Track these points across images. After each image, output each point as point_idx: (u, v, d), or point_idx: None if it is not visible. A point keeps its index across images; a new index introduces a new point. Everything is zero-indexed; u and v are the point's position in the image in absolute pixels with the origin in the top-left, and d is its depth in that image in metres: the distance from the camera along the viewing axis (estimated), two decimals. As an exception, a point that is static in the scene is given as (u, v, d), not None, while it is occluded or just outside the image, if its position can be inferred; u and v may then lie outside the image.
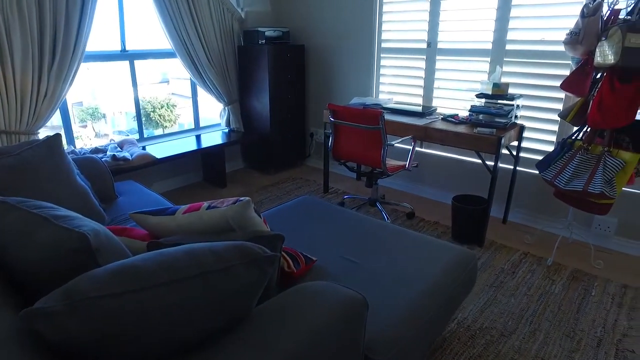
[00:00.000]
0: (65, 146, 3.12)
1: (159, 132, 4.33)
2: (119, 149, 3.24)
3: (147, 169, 3.47)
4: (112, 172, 2.94)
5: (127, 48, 3.44)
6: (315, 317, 1.06)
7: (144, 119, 4.59)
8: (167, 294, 0.87)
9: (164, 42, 3.57)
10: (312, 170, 4.32)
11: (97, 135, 4.33)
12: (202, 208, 1.34)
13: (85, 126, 4.37)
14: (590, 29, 2.10)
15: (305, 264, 1.62)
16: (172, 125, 4.83)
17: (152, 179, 3.74)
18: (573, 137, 2.44)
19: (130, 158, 3.06)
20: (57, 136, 1.98)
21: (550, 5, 2.66)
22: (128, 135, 4.17)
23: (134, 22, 3.47)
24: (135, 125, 4.26)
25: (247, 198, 1.32)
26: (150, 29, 3.58)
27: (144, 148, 3.51)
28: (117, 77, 3.54)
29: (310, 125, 4.43)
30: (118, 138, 3.75)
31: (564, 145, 2.43)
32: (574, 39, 2.15)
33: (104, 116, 4.44)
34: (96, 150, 3.18)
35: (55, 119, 3.16)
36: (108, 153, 3.06)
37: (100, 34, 3.30)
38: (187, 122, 4.20)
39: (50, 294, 0.84)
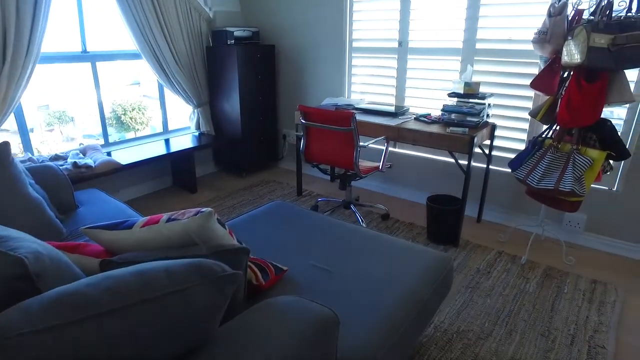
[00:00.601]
0: (22, 154, 2.95)
1: (130, 135, 4.18)
2: (81, 155, 3.08)
3: (113, 175, 3.32)
4: (73, 180, 2.81)
5: (88, 49, 3.28)
6: (283, 339, 0.99)
7: (114, 122, 4.42)
8: (114, 322, 0.79)
9: (129, 43, 3.42)
10: (286, 173, 4.25)
11: (66, 139, 4.12)
12: (161, 221, 1.25)
13: (53, 130, 4.16)
14: (557, 29, 2.11)
15: (275, 275, 1.55)
16: (144, 128, 4.66)
17: (118, 186, 3.59)
18: (543, 136, 2.46)
19: (93, 165, 2.91)
20: (5, 145, 1.84)
21: (518, 5, 2.67)
22: (98, 139, 4.00)
23: (97, 22, 3.31)
24: (109, 130, 4.08)
25: (209, 209, 1.24)
26: (114, 30, 3.43)
27: (109, 154, 3.36)
28: (86, 79, 3.36)
29: (282, 126, 4.35)
30: (90, 142, 3.58)
31: (535, 144, 2.44)
32: (542, 38, 2.16)
33: (72, 119, 4.23)
34: (56, 157, 3.02)
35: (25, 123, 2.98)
36: (69, 160, 2.91)
37: (60, 34, 3.14)
38: (159, 125, 4.05)
39: (-24, 331, 0.75)
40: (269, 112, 4.17)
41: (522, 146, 2.89)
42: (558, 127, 2.37)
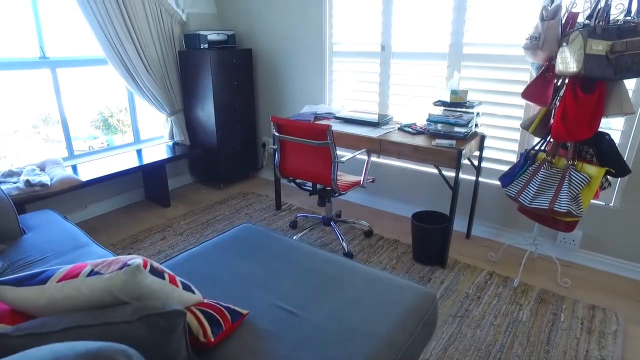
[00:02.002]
0: (-30, 171, 2.69)
1: (118, 137, 3.91)
2: (37, 171, 2.83)
3: (79, 190, 3.08)
4: (26, 200, 2.56)
5: (47, 55, 3.03)
6: None
7: (102, 124, 4.13)
8: None
9: (91, 48, 3.18)
10: (265, 183, 4.02)
11: (48, 141, 3.83)
12: (81, 275, 1.03)
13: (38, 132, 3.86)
14: (550, 34, 1.92)
15: (231, 324, 1.33)
16: (131, 129, 4.40)
17: (85, 201, 3.34)
18: (536, 149, 2.27)
19: (49, 183, 2.67)
20: None
21: (507, 7, 2.48)
22: (85, 142, 3.74)
23: (58, 26, 3.06)
24: (95, 132, 3.83)
25: (138, 261, 1.02)
26: (78, 34, 3.18)
27: (74, 167, 3.12)
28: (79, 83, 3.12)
29: (261, 134, 4.13)
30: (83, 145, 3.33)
31: (527, 158, 2.25)
32: (534, 44, 1.96)
33: (57, 122, 3.94)
34: (10, 174, 2.76)
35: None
36: (21, 178, 2.66)
37: (15, 39, 2.89)
38: (146, 127, 3.81)
39: None
40: (247, 119, 3.94)
41: (512, 157, 2.71)
42: (552, 140, 2.18)
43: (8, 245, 2.00)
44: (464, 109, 2.55)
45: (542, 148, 2.26)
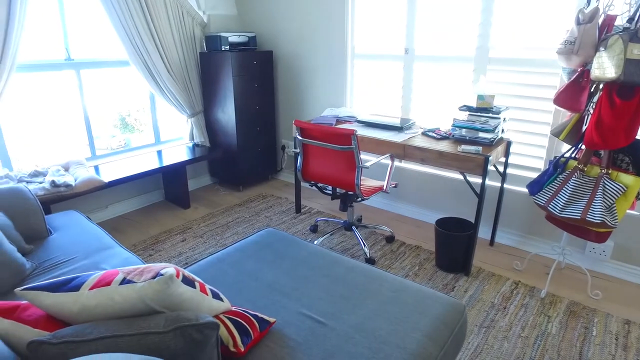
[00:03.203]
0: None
1: (135, 137, 3.93)
2: (62, 171, 2.86)
3: (100, 191, 3.10)
4: (51, 200, 2.59)
5: (72, 57, 3.06)
6: None
7: (120, 123, 4.17)
8: None
9: (118, 50, 3.21)
10: (284, 186, 4.01)
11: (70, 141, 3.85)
12: (114, 282, 1.02)
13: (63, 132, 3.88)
14: (586, 38, 1.86)
15: (259, 332, 1.31)
16: (148, 128, 4.41)
17: (105, 201, 3.37)
18: (566, 156, 2.20)
19: (73, 184, 2.69)
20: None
21: (537, 9, 2.41)
22: (104, 140, 3.76)
23: (82, 29, 3.10)
24: (115, 131, 3.86)
25: (171, 271, 1.00)
26: (101, 36, 3.22)
27: (96, 168, 3.15)
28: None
29: (281, 137, 4.12)
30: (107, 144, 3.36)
31: (557, 166, 2.18)
32: (569, 48, 1.90)
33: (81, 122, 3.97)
34: (36, 174, 2.80)
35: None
36: (47, 178, 2.69)
37: (42, 42, 2.93)
38: (166, 128, 3.83)
39: None
40: (267, 121, 3.94)
41: (539, 163, 2.64)
42: (584, 148, 2.11)
43: (36, 246, 2.02)
44: (490, 114, 2.49)
45: (573, 155, 2.19)
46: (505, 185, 2.75)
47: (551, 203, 2.11)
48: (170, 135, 3.92)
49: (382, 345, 1.32)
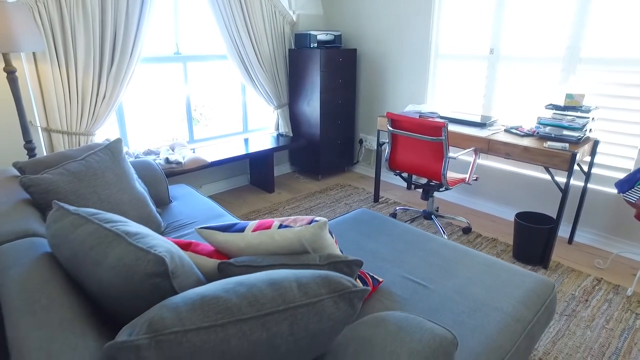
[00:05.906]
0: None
1: (198, 128, 4.32)
2: (171, 151, 3.26)
3: (197, 172, 3.48)
4: (166, 174, 2.97)
5: (180, 51, 3.46)
6: (403, 358, 0.96)
7: (186, 116, 4.58)
8: (253, 329, 0.80)
9: (214, 45, 3.57)
10: (360, 178, 4.22)
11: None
12: (273, 227, 1.27)
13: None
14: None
15: (372, 286, 1.52)
16: (211, 123, 4.78)
17: (200, 181, 3.76)
18: (660, 155, 2.22)
19: (183, 162, 3.06)
20: (119, 141, 1.97)
21: (635, 8, 2.43)
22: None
23: (189, 26, 3.50)
24: (182, 124, 4.26)
25: (324, 219, 1.24)
26: (203, 34, 3.60)
27: (193, 150, 3.53)
28: (176, 79, 3.55)
29: (360, 131, 4.33)
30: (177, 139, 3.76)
31: (650, 164, 2.21)
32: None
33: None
34: (149, 152, 3.21)
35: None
36: (161, 156, 3.08)
37: (156, 37, 3.34)
38: (237, 123, 4.17)
39: (132, 325, 0.79)
40: (348, 116, 4.17)
41: (629, 164, 2.64)
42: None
43: (162, 210, 2.37)
44: (577, 113, 2.54)
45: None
46: (588, 185, 2.77)
47: (642, 200, 2.15)
48: (256, 125, 4.26)
49: (480, 306, 1.48)
